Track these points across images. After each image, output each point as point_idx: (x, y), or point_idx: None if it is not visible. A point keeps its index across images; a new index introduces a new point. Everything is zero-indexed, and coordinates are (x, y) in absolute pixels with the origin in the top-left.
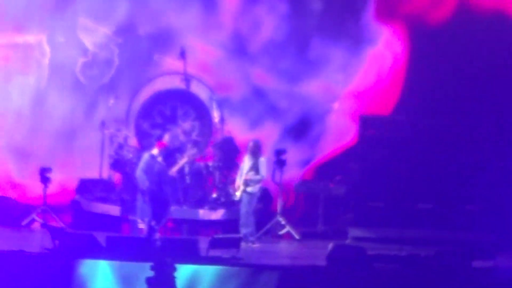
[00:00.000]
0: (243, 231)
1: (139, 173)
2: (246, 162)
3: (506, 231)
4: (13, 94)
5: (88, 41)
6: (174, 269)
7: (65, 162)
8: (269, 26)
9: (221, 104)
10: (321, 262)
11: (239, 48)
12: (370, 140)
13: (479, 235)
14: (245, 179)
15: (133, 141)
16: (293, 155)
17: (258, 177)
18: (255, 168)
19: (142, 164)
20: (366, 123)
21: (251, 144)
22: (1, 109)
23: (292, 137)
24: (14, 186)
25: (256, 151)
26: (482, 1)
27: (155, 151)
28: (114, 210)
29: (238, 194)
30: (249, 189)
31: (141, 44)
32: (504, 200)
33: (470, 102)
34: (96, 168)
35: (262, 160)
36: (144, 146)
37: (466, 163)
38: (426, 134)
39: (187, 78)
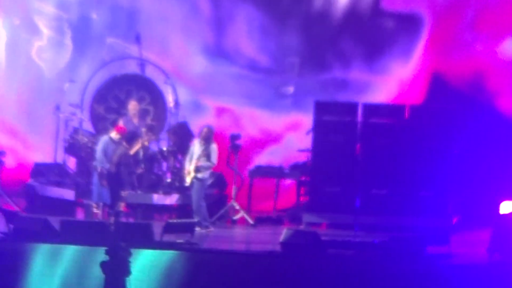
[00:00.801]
0: (196, 217)
1: (99, 154)
2: (196, 147)
3: (459, 215)
4: None
5: (42, 24)
6: (129, 254)
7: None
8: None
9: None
10: (276, 247)
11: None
12: (325, 126)
13: (433, 220)
14: (196, 165)
15: (88, 125)
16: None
17: (209, 163)
18: (206, 154)
19: (100, 146)
20: (321, 108)
21: (205, 129)
22: None
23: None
24: None
25: (208, 137)
26: None
27: (113, 134)
28: (68, 194)
29: (188, 180)
30: (199, 175)
31: (95, 27)
32: (457, 184)
33: None
34: (51, 152)
35: (214, 147)
36: (99, 130)
37: (419, 148)
38: (382, 120)
39: (142, 63)
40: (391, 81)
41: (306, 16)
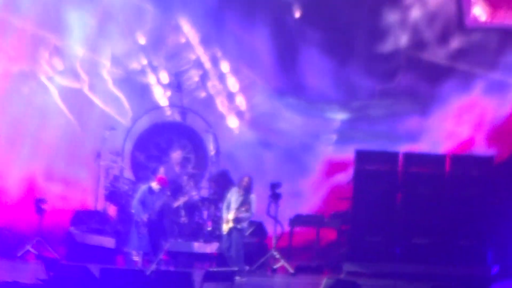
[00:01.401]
0: (236, 266)
1: (135, 204)
2: (235, 196)
3: (500, 265)
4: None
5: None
6: None
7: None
8: None
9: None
10: None
11: None
12: (366, 175)
13: (473, 269)
14: (237, 216)
15: (129, 173)
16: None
17: (248, 214)
18: (246, 204)
19: (139, 195)
20: (362, 157)
21: (245, 179)
22: None
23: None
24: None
25: (249, 187)
26: None
27: (153, 184)
28: (108, 242)
29: (225, 228)
30: (239, 226)
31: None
32: (498, 234)
33: None
34: (92, 199)
35: (253, 197)
36: (139, 178)
37: (459, 197)
38: (423, 169)
39: (183, 111)
40: None
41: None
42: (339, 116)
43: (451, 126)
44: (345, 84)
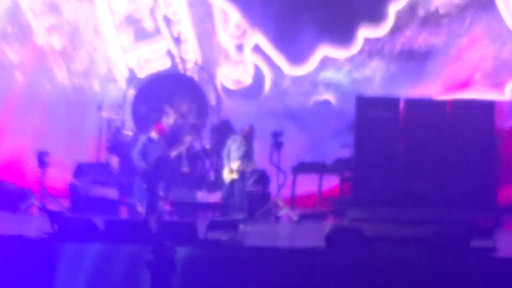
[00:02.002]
0: (240, 216)
1: (134, 154)
2: (236, 144)
3: (504, 209)
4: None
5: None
6: (175, 252)
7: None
8: None
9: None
10: (320, 243)
11: None
12: (367, 120)
13: (477, 213)
14: (243, 170)
15: (130, 125)
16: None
17: (251, 164)
18: (249, 154)
19: (138, 146)
20: (363, 104)
21: (246, 128)
22: None
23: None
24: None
25: (251, 136)
26: None
27: (152, 133)
28: (112, 193)
29: (228, 177)
30: (242, 175)
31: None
32: (503, 176)
33: None
34: (94, 152)
35: (255, 147)
36: (141, 129)
37: (463, 140)
38: (424, 114)
39: (183, 61)
40: None
41: None
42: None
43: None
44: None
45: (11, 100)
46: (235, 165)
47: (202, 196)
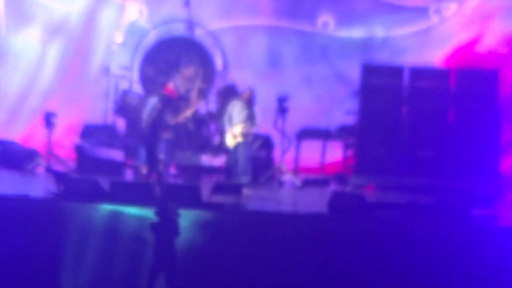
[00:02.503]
0: (244, 179)
1: (146, 115)
2: (237, 109)
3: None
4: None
5: None
6: (178, 215)
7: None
8: None
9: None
10: (323, 209)
11: None
12: (372, 88)
13: (478, 182)
14: (246, 131)
15: (137, 87)
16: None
17: (254, 127)
18: (251, 117)
19: (148, 108)
20: (368, 71)
21: (247, 92)
22: None
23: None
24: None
25: (251, 100)
26: None
27: (163, 96)
28: (117, 155)
29: (232, 142)
30: (246, 139)
31: None
32: (505, 146)
33: None
34: (100, 113)
35: (256, 110)
36: (148, 92)
37: (466, 110)
38: (428, 83)
39: (191, 26)
40: None
41: None
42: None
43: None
44: None
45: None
46: (237, 129)
47: (206, 159)
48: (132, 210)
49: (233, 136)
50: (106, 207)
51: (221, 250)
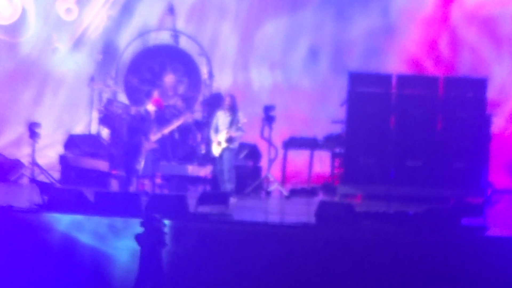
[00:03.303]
0: (229, 186)
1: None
2: (222, 118)
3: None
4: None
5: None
6: (164, 225)
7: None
8: None
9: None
10: (310, 219)
11: None
12: (359, 96)
13: (468, 192)
14: (230, 136)
15: (122, 97)
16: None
17: (240, 132)
18: (235, 123)
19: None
20: (355, 79)
21: (227, 99)
22: None
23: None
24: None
25: (233, 105)
26: None
27: (149, 106)
28: (102, 165)
29: (218, 151)
30: (231, 146)
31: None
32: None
33: None
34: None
35: (241, 114)
36: (133, 101)
37: (454, 119)
38: (416, 91)
39: (176, 34)
40: None
41: None
42: None
43: None
44: None
45: (4, 70)
46: (221, 136)
47: (192, 169)
48: (116, 221)
49: (217, 143)
50: (89, 218)
51: (208, 260)
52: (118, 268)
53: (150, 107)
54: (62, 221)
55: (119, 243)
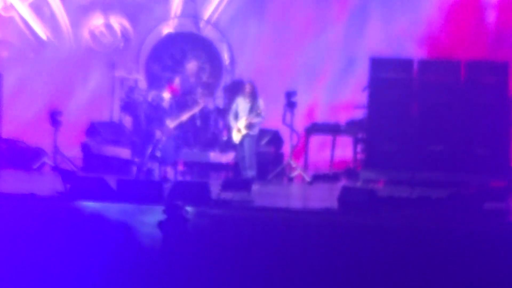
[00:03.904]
0: (250, 173)
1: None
2: (242, 105)
3: None
4: None
5: None
6: (186, 212)
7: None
8: None
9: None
10: (333, 205)
11: None
12: (381, 82)
13: (491, 177)
14: (249, 122)
15: (143, 84)
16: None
17: (260, 119)
18: (255, 109)
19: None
20: (377, 65)
21: (247, 86)
22: None
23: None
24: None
25: (254, 93)
26: None
27: (165, 93)
28: (124, 153)
29: (238, 137)
30: (251, 132)
31: None
32: None
33: None
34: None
35: (261, 101)
36: (154, 89)
37: (477, 104)
38: (438, 76)
39: (197, 21)
40: None
41: None
42: None
43: None
44: None
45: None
46: (241, 122)
47: (214, 156)
48: (138, 208)
49: (237, 130)
50: (114, 205)
51: (231, 247)
52: (142, 255)
53: (166, 94)
54: (85, 209)
55: (142, 230)
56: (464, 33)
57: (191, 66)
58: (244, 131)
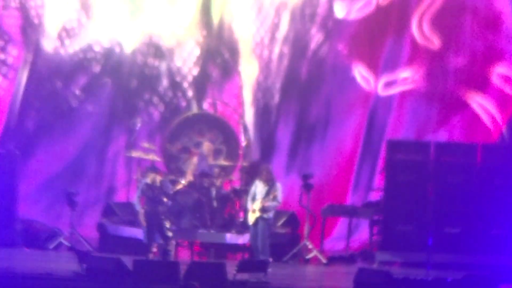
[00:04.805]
0: (262, 257)
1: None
2: (259, 188)
3: None
4: None
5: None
6: None
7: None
8: None
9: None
10: (349, 286)
11: None
12: (397, 164)
13: (506, 258)
14: (263, 205)
15: (160, 165)
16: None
17: (275, 203)
18: (271, 193)
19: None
20: (394, 147)
21: (264, 172)
22: None
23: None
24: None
25: (269, 177)
26: None
27: (156, 176)
28: (141, 233)
29: (252, 219)
30: (265, 215)
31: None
32: None
33: None
34: (123, 191)
35: (278, 186)
36: (171, 170)
37: (491, 186)
38: (454, 158)
39: (214, 102)
40: None
41: None
42: None
43: None
44: None
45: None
46: (257, 204)
47: (231, 237)
48: None
49: (252, 211)
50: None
51: None
52: None
53: (156, 177)
54: None
55: None
56: None
57: (205, 147)
58: (258, 214)
